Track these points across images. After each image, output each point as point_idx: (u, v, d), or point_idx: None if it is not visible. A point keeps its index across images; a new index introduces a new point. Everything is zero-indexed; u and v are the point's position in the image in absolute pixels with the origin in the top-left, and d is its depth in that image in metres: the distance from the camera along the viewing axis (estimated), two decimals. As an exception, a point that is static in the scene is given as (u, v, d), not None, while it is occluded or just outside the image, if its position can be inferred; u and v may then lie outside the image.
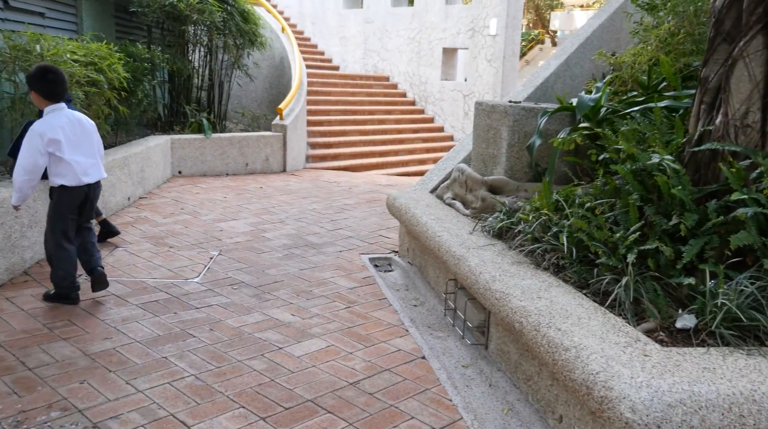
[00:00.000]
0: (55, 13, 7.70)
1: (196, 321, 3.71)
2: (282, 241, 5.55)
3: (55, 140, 3.57)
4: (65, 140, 3.63)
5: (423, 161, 12.70)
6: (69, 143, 3.66)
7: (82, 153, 3.74)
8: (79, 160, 3.71)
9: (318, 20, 16.46)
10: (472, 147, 4.78)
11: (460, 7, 13.82)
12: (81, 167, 3.72)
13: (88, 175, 3.78)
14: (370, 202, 7.55)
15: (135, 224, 5.79)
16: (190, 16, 8.70)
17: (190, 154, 8.42)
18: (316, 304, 4.11)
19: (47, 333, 3.42)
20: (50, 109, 3.68)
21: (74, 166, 3.67)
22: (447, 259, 3.73)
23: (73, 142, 3.68)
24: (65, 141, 3.63)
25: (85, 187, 3.78)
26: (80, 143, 3.73)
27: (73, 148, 3.68)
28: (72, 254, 3.82)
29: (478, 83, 13.59)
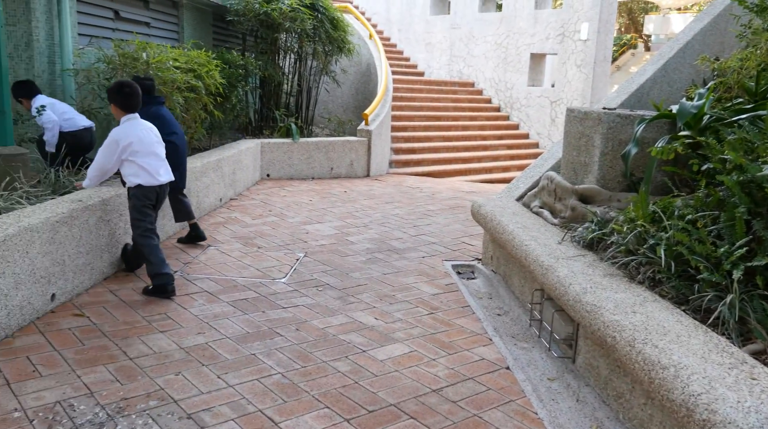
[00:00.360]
0: (159, 22, 8.16)
1: (283, 320, 3.81)
2: (365, 245, 5.61)
3: (129, 146, 4.01)
4: (139, 146, 4.05)
5: (507, 168, 12.50)
6: (142, 148, 4.07)
7: (153, 157, 4.14)
8: (152, 163, 4.12)
9: (404, 27, 16.57)
10: (562, 154, 4.65)
11: (550, 12, 13.52)
12: (153, 168, 4.12)
13: (161, 176, 4.18)
14: (453, 209, 7.51)
15: (226, 224, 6.02)
16: (283, 24, 8.98)
17: (279, 157, 8.68)
18: (399, 309, 4.12)
19: (146, 325, 3.61)
20: (126, 119, 4.13)
21: (148, 167, 4.09)
22: (534, 269, 3.64)
23: (146, 146, 4.10)
24: (139, 147, 4.05)
25: (158, 187, 4.18)
26: (152, 148, 4.15)
27: (145, 153, 4.09)
28: (158, 242, 4.18)
29: (567, 89, 13.24)
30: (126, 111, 4.13)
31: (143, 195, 4.11)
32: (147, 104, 4.88)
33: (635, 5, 29.90)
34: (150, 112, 4.86)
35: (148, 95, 4.91)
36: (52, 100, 5.48)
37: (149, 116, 4.84)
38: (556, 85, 13.60)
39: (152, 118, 4.84)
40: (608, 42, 12.85)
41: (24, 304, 3.41)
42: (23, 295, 3.39)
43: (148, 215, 4.15)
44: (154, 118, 4.86)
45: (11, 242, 3.25)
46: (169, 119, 4.99)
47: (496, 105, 14.71)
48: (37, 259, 3.48)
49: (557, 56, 13.51)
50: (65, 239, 3.76)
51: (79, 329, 3.49)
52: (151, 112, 4.87)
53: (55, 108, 5.38)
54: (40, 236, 3.50)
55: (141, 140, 4.08)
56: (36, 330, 3.43)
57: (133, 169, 4.07)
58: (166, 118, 4.97)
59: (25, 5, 5.75)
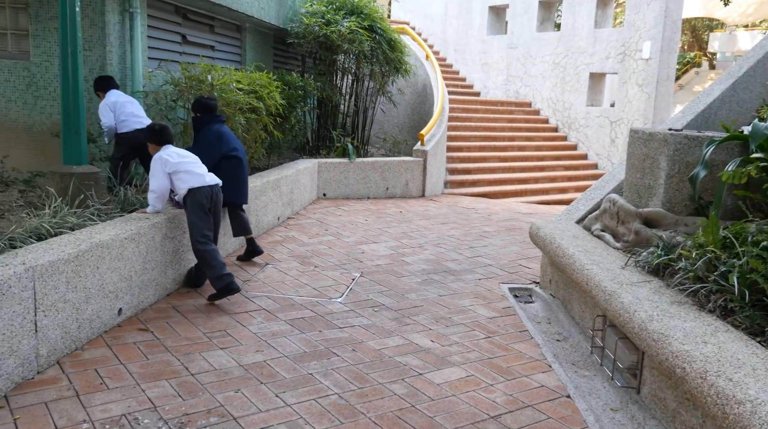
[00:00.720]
0: (223, 45, 8.44)
1: (340, 340, 3.82)
2: (421, 266, 5.59)
3: (169, 160, 4.32)
4: (179, 158, 4.37)
5: (564, 190, 12.28)
6: (183, 160, 4.39)
7: (195, 166, 4.44)
8: (195, 169, 4.42)
9: (461, 47, 16.60)
10: (625, 176, 4.53)
11: (610, 31, 13.30)
12: (199, 172, 4.41)
13: (209, 177, 4.45)
14: (510, 230, 7.41)
15: (283, 243, 6.11)
16: (341, 45, 9.14)
17: (335, 177, 8.78)
18: (455, 332, 4.07)
19: (207, 341, 3.68)
20: (163, 148, 4.44)
21: (194, 170, 4.39)
22: (596, 294, 3.54)
23: (186, 158, 4.42)
24: (179, 159, 4.37)
25: (208, 187, 4.39)
26: (192, 160, 4.46)
27: (187, 163, 4.40)
28: (216, 247, 4.39)
29: (627, 109, 12.95)
30: (161, 145, 4.44)
31: (196, 198, 4.34)
32: (209, 123, 5.07)
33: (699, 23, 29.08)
34: (212, 130, 5.05)
35: (211, 114, 5.10)
36: (125, 99, 5.80)
37: (211, 134, 5.02)
38: (616, 105, 13.31)
39: (214, 136, 5.02)
40: (671, 61, 12.52)
41: (93, 317, 3.54)
42: (93, 309, 3.52)
43: (205, 220, 4.37)
44: (216, 135, 5.04)
45: (84, 258, 3.38)
46: (229, 136, 5.16)
47: (554, 125, 14.50)
48: (106, 275, 3.62)
49: (617, 75, 13.24)
50: (133, 255, 3.90)
51: (143, 343, 3.59)
52: (213, 129, 5.06)
53: (122, 107, 5.74)
54: (109, 252, 3.63)
55: (179, 154, 4.42)
56: (103, 343, 3.55)
57: (180, 178, 4.36)
58: (227, 135, 5.14)
59: (101, 31, 6.05)
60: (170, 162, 4.32)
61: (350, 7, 9.66)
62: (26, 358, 3.01)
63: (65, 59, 4.93)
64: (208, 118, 5.10)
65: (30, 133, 6.41)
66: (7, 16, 6.39)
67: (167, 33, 7.12)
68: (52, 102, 6.32)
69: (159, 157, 4.35)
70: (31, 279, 2.99)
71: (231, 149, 5.06)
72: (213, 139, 5.01)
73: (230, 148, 5.07)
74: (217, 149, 4.99)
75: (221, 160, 4.98)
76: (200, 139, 5.03)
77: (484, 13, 15.87)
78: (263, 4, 8.49)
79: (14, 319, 2.90)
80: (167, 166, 4.32)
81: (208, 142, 4.97)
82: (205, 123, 5.07)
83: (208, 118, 5.10)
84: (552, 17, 15.09)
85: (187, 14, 7.45)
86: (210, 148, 4.94)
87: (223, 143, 5.04)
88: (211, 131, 5.05)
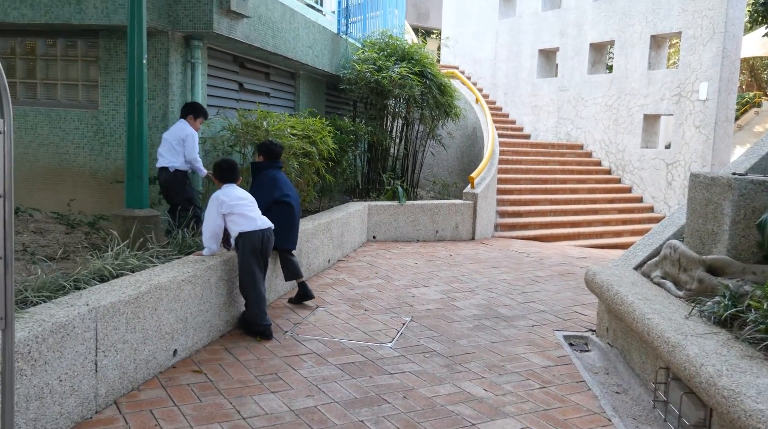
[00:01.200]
0: (278, 92, 8.71)
1: (390, 387, 3.77)
2: (472, 311, 5.50)
3: (225, 202, 4.46)
4: (235, 201, 4.50)
5: (619, 233, 11.97)
6: (239, 202, 4.51)
7: (249, 209, 4.56)
8: (249, 213, 4.53)
9: (510, 90, 16.65)
10: (686, 222, 4.39)
11: (665, 72, 13.11)
12: (251, 216, 4.53)
13: (261, 221, 4.56)
14: (563, 275, 7.24)
15: (333, 286, 6.13)
16: (392, 90, 9.30)
17: (384, 220, 8.82)
18: (508, 381, 3.96)
19: (258, 385, 3.69)
20: (225, 186, 4.64)
21: (247, 213, 4.51)
22: (658, 345, 3.40)
23: (241, 201, 4.54)
24: (235, 201, 4.50)
25: (260, 231, 4.50)
26: (248, 203, 4.58)
27: (241, 205, 4.52)
28: (263, 294, 4.53)
29: (684, 151, 12.64)
30: (224, 182, 4.64)
31: (248, 242, 4.47)
32: (266, 168, 5.24)
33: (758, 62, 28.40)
34: (268, 175, 5.21)
35: (275, 159, 5.27)
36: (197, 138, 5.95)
37: (266, 179, 5.17)
38: (672, 147, 13.02)
39: (269, 181, 5.16)
40: (730, 102, 12.22)
41: (150, 358, 3.60)
42: (150, 350, 3.59)
43: (254, 265, 4.49)
44: (271, 180, 5.18)
45: (143, 299, 3.47)
46: (284, 182, 5.29)
47: (607, 167, 14.26)
48: (163, 316, 3.70)
49: (673, 117, 12.98)
50: (189, 297, 3.98)
51: (197, 385, 3.62)
52: (269, 175, 5.22)
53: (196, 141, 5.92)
54: (167, 294, 3.72)
55: (237, 196, 4.54)
56: (159, 384, 3.60)
57: (233, 220, 4.48)
58: (281, 181, 5.27)
59: (164, 81, 6.34)
60: (226, 203, 4.44)
61: (401, 53, 9.86)
62: (86, 397, 3.08)
63: (131, 108, 5.17)
64: (266, 164, 5.26)
65: (95, 177, 6.71)
66: (79, 68, 6.78)
67: (225, 81, 7.41)
68: (117, 148, 6.62)
69: (216, 196, 4.49)
70: (93, 320, 3.08)
71: (283, 195, 5.18)
72: (267, 184, 5.15)
73: (282, 194, 5.18)
74: (270, 194, 5.11)
75: (273, 204, 5.09)
76: (256, 183, 5.19)
77: (534, 56, 15.93)
78: (317, 53, 8.76)
79: (77, 359, 2.98)
80: (222, 206, 4.45)
81: (263, 186, 5.11)
82: (262, 168, 5.26)
83: (267, 163, 5.26)
84: (603, 59, 15.01)
85: (245, 63, 7.75)
86: (263, 193, 5.07)
87: (276, 189, 5.17)
88: (266, 176, 5.21)
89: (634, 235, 11.72)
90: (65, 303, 3.10)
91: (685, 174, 12.61)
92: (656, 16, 13.14)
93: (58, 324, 2.86)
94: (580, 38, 14.78)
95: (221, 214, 4.46)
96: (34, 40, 6.85)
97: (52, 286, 3.34)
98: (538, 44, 15.80)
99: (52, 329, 2.81)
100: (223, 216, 4.47)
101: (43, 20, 6.15)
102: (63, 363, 2.89)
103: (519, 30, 16.36)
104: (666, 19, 12.95)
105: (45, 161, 6.83)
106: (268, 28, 7.20)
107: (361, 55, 9.74)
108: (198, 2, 6.06)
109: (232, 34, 6.45)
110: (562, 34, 15.20)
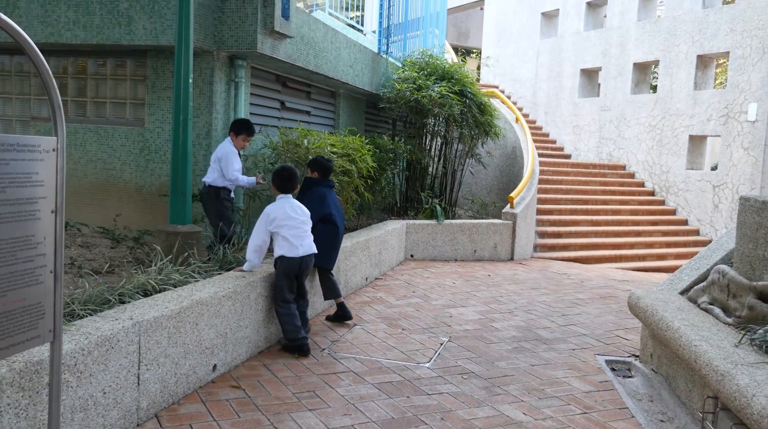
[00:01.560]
0: (318, 110, 8.83)
1: (428, 408, 3.72)
2: (511, 333, 5.42)
3: (276, 219, 4.48)
4: (285, 220, 4.51)
5: (662, 256, 11.67)
6: (288, 222, 4.53)
7: (297, 231, 4.56)
8: (295, 236, 4.54)
9: (551, 109, 16.51)
10: (735, 246, 4.25)
11: (711, 93, 12.83)
12: (296, 241, 4.53)
13: (300, 249, 4.55)
14: (605, 298, 7.08)
15: (371, 304, 6.12)
16: (432, 109, 9.32)
17: (422, 238, 8.79)
18: (549, 405, 3.87)
19: (296, 402, 3.69)
20: (280, 197, 4.65)
21: (291, 239, 4.52)
22: (706, 374, 3.28)
23: (291, 221, 4.54)
24: (285, 221, 4.51)
25: (299, 259, 4.54)
26: (297, 223, 4.58)
27: (290, 226, 4.53)
28: (294, 311, 4.56)
29: (732, 173, 12.29)
30: (281, 191, 4.65)
31: (285, 266, 4.53)
32: (317, 185, 5.26)
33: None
34: (317, 192, 5.22)
35: (324, 177, 5.34)
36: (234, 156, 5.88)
37: (315, 196, 5.18)
38: (719, 169, 12.68)
39: (317, 198, 5.18)
40: (780, 122, 11.86)
41: (190, 373, 3.65)
42: (190, 364, 3.64)
43: (289, 286, 4.56)
44: (319, 198, 5.19)
45: (185, 314, 3.53)
46: (332, 201, 5.31)
47: (650, 189, 13.96)
48: (204, 331, 3.74)
49: (720, 138, 12.66)
50: (229, 313, 4.02)
51: (235, 401, 3.65)
52: (319, 192, 5.23)
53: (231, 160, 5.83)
54: (208, 309, 3.77)
55: (288, 215, 4.55)
56: (198, 399, 3.64)
57: (277, 241, 4.53)
58: (331, 199, 5.29)
59: (208, 100, 6.50)
60: (275, 221, 4.50)
61: (441, 72, 9.89)
62: (128, 410, 3.13)
63: (177, 126, 5.30)
64: (318, 181, 5.30)
65: (140, 193, 6.88)
66: (127, 87, 7.00)
67: (268, 100, 7.54)
68: (162, 165, 6.79)
69: (267, 212, 4.53)
70: (137, 333, 3.14)
71: (329, 214, 5.20)
72: (315, 201, 5.17)
73: (328, 213, 5.21)
74: (317, 213, 5.13)
75: (318, 223, 5.12)
76: (305, 198, 5.16)
77: (576, 76, 15.80)
78: (357, 72, 8.86)
79: (120, 372, 3.03)
80: (271, 224, 4.51)
81: (311, 202, 5.11)
82: (314, 184, 5.29)
83: (319, 180, 5.30)
84: (647, 79, 14.78)
85: (287, 82, 7.88)
86: (310, 210, 5.07)
87: (324, 206, 5.20)
88: (316, 194, 5.23)
89: (678, 259, 11.41)
90: (110, 316, 3.17)
91: (733, 197, 12.25)
92: (703, 35, 12.90)
93: (104, 337, 2.92)
94: (623, 58, 14.60)
95: (269, 230, 4.52)
96: (85, 60, 7.12)
97: (98, 300, 3.43)
98: (580, 64, 15.67)
99: (97, 342, 2.88)
100: (270, 233, 4.53)
101: (94, 41, 6.39)
102: (107, 375, 2.95)
103: (560, 49, 16.26)
104: (713, 39, 12.69)
105: (93, 177, 7.05)
106: (310, 47, 7.32)
107: (401, 74, 9.81)
108: (243, 23, 6.21)
109: (276, 54, 6.57)
110: (605, 53, 15.04)
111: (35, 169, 2.12)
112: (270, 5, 6.20)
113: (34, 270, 2.14)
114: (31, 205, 2.12)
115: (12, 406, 2.41)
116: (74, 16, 6.39)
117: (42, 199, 2.16)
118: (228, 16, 6.25)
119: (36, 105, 7.39)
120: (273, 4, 6.19)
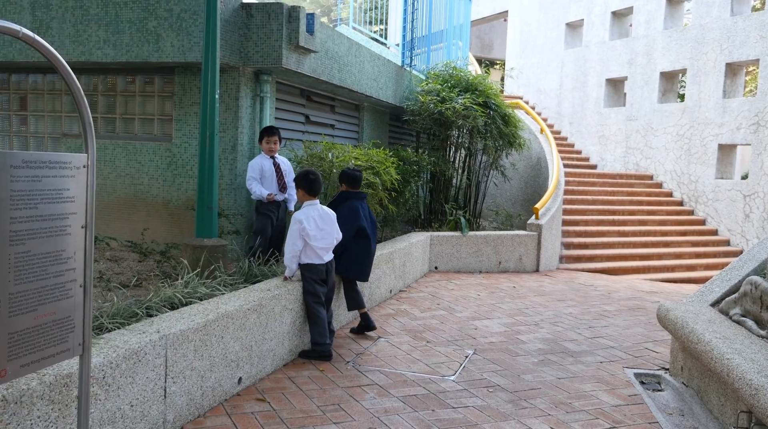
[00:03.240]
0: (342, 124, 8.89)
1: (453, 421, 3.69)
2: (537, 346, 5.36)
3: (306, 228, 4.59)
4: (314, 230, 4.64)
5: (692, 267, 11.46)
6: (316, 233, 4.65)
7: (323, 240, 4.70)
8: (320, 244, 4.68)
9: (576, 120, 16.39)
10: (766, 257, 4.16)
11: (741, 101, 12.61)
12: (321, 250, 4.69)
13: (326, 256, 4.73)
14: (633, 310, 6.97)
15: (395, 316, 6.11)
16: (456, 121, 9.32)
17: (447, 250, 8.76)
18: (576, 419, 3.81)
19: (320, 415, 3.69)
20: (307, 203, 4.75)
21: (316, 248, 4.66)
22: (739, 387, 3.20)
23: (319, 229, 4.67)
24: (313, 231, 4.63)
25: (324, 264, 4.71)
26: (325, 230, 4.71)
27: (318, 236, 4.66)
28: (323, 315, 4.70)
29: (763, 182, 12.04)
30: (309, 195, 4.75)
31: (313, 272, 4.68)
32: (350, 198, 5.28)
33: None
34: (351, 206, 5.24)
35: (355, 189, 5.38)
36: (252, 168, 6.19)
37: (347, 209, 5.20)
38: (750, 178, 12.43)
39: (350, 212, 5.19)
40: (812, 130, 11.62)
41: (216, 385, 3.68)
42: (216, 377, 3.67)
43: (319, 288, 4.71)
44: (351, 212, 5.20)
45: (210, 327, 3.56)
46: (364, 214, 5.33)
47: (678, 199, 13.74)
48: (229, 344, 3.77)
49: (751, 147, 12.43)
50: (254, 326, 4.05)
51: (260, 414, 3.66)
52: (351, 206, 5.25)
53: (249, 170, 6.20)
54: (233, 322, 3.80)
55: (319, 227, 4.68)
56: (223, 411, 3.66)
57: (305, 251, 4.66)
58: (363, 212, 5.30)
59: (234, 115, 6.59)
60: (306, 231, 4.59)
61: (465, 84, 9.89)
62: (155, 423, 3.16)
63: (204, 141, 5.39)
64: (350, 194, 5.32)
65: (167, 207, 6.99)
66: (155, 103, 7.14)
67: (292, 114, 7.62)
68: (188, 179, 6.89)
69: (299, 220, 4.62)
70: (164, 346, 3.18)
71: (360, 228, 5.23)
72: (348, 215, 5.19)
73: (360, 226, 5.23)
74: (351, 227, 5.15)
75: (351, 238, 5.15)
76: (337, 212, 5.18)
77: (601, 85, 15.68)
78: (381, 85, 8.91)
79: (147, 384, 3.07)
80: (304, 232, 4.61)
81: (342, 217, 5.13)
82: (346, 198, 5.32)
83: (351, 193, 5.32)
84: (674, 88, 14.59)
85: (311, 96, 7.96)
86: (342, 226, 5.07)
87: (357, 220, 5.22)
88: (348, 208, 5.25)
89: (708, 270, 11.20)
90: (138, 330, 3.21)
91: (765, 206, 12.00)
92: (731, 43, 12.71)
93: (131, 350, 2.96)
94: (649, 67, 14.45)
95: (302, 237, 4.62)
96: (114, 77, 7.28)
97: (125, 313, 3.48)
98: (606, 74, 15.55)
99: (125, 355, 2.92)
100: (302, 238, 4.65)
101: (123, 59, 6.54)
102: (134, 388, 2.99)
103: (585, 59, 16.16)
104: (742, 47, 12.50)
105: (121, 192, 7.19)
106: (334, 62, 7.39)
107: (424, 86, 9.83)
108: (268, 38, 6.30)
109: (300, 69, 6.65)
110: (631, 63, 14.91)
111: (66, 186, 2.17)
112: (295, 21, 6.29)
113: (64, 284, 2.18)
114: (62, 220, 2.16)
115: (42, 418, 2.45)
116: (104, 35, 6.56)
117: (72, 215, 2.20)
118: (253, 32, 6.35)
119: (67, 122, 7.57)
120: (298, 19, 6.28)
